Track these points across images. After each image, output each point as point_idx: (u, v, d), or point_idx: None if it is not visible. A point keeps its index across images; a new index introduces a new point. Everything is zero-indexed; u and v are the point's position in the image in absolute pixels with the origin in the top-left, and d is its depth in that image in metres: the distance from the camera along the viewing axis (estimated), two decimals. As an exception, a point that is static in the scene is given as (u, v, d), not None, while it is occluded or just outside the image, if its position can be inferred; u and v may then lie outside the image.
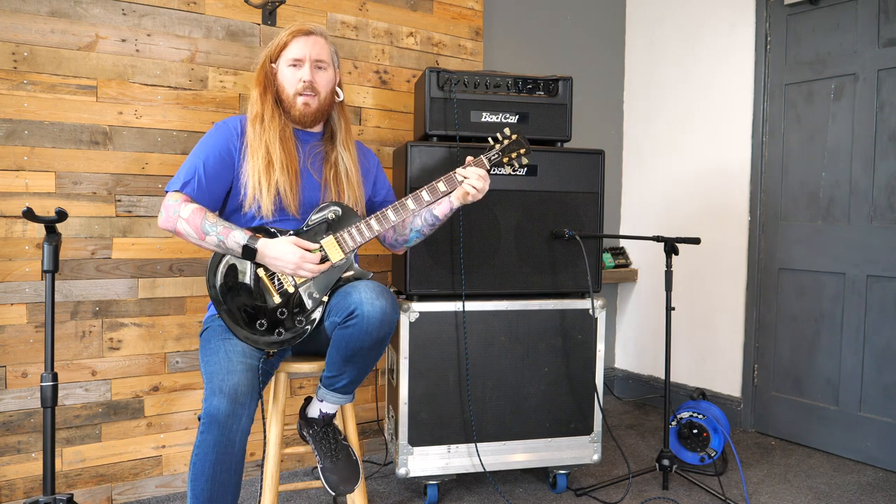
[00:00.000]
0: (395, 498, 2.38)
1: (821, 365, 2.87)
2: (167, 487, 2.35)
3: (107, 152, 2.22)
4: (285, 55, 1.87)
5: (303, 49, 1.86)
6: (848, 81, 2.76)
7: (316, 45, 1.88)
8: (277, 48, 1.89)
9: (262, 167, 1.78)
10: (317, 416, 1.86)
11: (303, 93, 1.86)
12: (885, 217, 2.66)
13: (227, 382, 1.59)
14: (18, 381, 2.10)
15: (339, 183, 1.89)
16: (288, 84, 1.87)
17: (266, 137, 1.81)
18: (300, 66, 1.86)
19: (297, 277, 1.76)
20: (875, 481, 2.54)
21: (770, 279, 3.04)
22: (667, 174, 3.48)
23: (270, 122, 1.83)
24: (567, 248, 2.37)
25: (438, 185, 1.89)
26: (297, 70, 1.86)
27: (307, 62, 1.86)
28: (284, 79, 1.87)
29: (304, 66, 1.86)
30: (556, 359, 2.36)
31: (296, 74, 1.86)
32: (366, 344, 1.68)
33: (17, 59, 2.07)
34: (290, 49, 1.87)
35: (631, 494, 2.40)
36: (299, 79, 1.85)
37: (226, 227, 1.71)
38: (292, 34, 1.87)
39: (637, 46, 3.65)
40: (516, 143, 2.02)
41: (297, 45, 1.86)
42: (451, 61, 2.93)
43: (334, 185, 1.89)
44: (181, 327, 2.36)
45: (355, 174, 1.93)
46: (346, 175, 1.90)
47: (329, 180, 1.88)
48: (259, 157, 1.79)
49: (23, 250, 2.10)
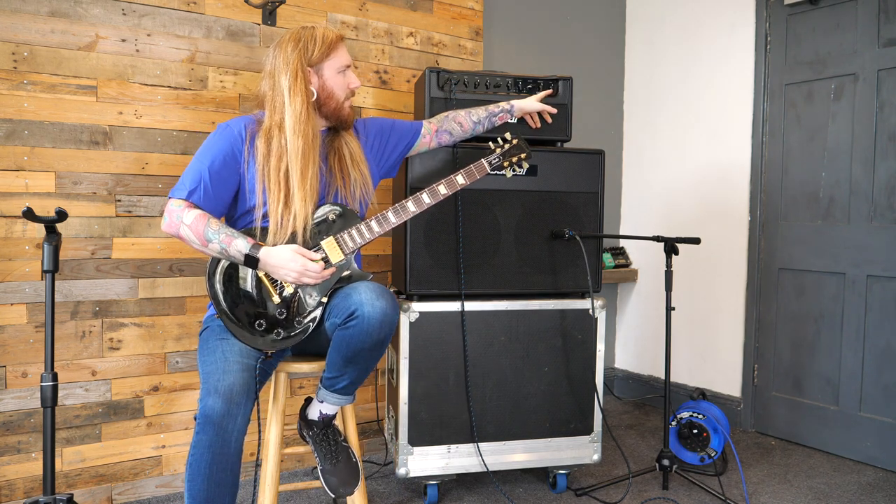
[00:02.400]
0: (395, 498, 2.38)
1: (821, 365, 2.87)
2: (167, 487, 2.35)
3: (107, 152, 2.22)
4: (334, 62, 1.88)
5: (347, 56, 1.92)
6: (848, 81, 2.77)
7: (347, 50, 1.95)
8: (321, 53, 1.85)
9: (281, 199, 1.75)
10: (316, 418, 1.86)
11: (350, 97, 1.92)
12: (885, 217, 2.66)
13: (223, 382, 1.59)
14: (18, 381, 2.10)
15: (343, 167, 1.89)
16: (339, 90, 1.89)
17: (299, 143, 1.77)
18: (347, 72, 1.91)
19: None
20: (875, 481, 2.54)
21: (770, 279, 3.04)
22: (667, 174, 3.48)
23: (306, 127, 1.79)
24: (567, 248, 2.37)
25: (439, 188, 1.91)
26: (345, 76, 1.91)
27: (350, 68, 1.93)
28: (335, 85, 1.89)
29: (348, 71, 1.92)
30: (556, 359, 2.36)
31: (345, 80, 1.91)
32: (366, 345, 1.68)
33: (17, 59, 2.07)
34: (338, 56, 1.89)
35: (631, 494, 2.40)
36: (349, 84, 1.91)
37: (228, 235, 1.70)
38: (338, 38, 1.89)
39: (637, 46, 3.65)
40: (517, 148, 2.06)
41: (342, 52, 1.91)
42: (451, 61, 2.94)
43: (338, 171, 1.88)
44: (181, 327, 2.36)
45: (358, 152, 1.94)
46: (350, 157, 1.91)
47: (334, 166, 1.89)
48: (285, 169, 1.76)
49: (23, 250, 2.10)
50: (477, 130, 2.22)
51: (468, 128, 2.19)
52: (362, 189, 1.90)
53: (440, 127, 2.15)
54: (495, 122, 2.24)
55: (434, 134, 2.15)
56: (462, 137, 2.21)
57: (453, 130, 2.17)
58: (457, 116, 2.18)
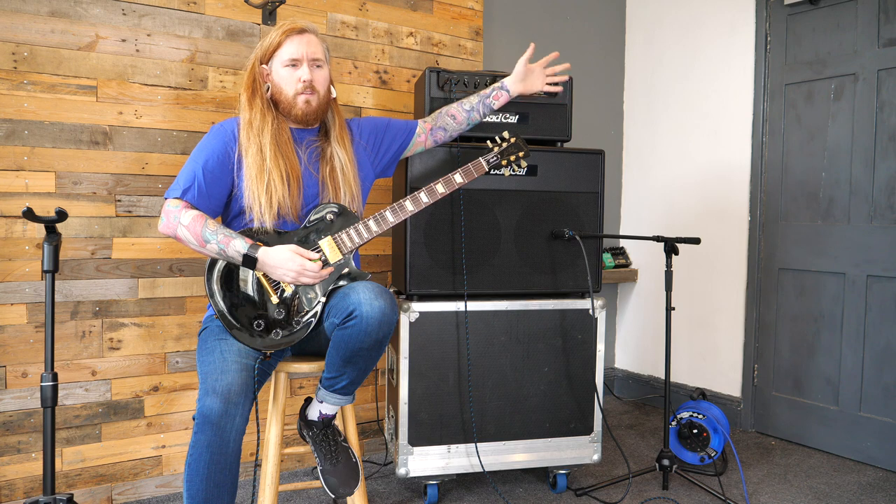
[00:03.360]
0: (395, 498, 2.38)
1: (821, 365, 2.87)
2: (167, 487, 2.35)
3: (107, 152, 2.22)
4: (280, 55, 1.84)
5: (299, 48, 1.83)
6: (848, 81, 2.76)
7: (311, 43, 1.85)
8: (269, 49, 1.85)
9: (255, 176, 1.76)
10: (316, 419, 1.86)
11: (303, 92, 1.83)
12: (885, 217, 2.66)
13: (221, 382, 1.59)
14: (18, 381, 2.10)
15: (335, 180, 1.87)
16: (286, 85, 1.84)
17: (259, 142, 1.78)
18: (298, 66, 1.83)
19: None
20: (875, 481, 2.54)
21: (770, 279, 3.04)
22: (667, 174, 3.48)
23: (262, 126, 1.80)
24: (567, 248, 2.37)
25: (437, 187, 1.91)
26: (296, 70, 1.83)
27: (304, 61, 1.83)
28: (282, 80, 1.84)
29: (302, 65, 1.83)
30: (556, 359, 2.36)
31: (294, 74, 1.83)
32: (365, 344, 1.68)
33: (17, 59, 2.07)
34: (284, 49, 1.83)
35: (631, 494, 2.40)
36: (299, 78, 1.82)
37: (226, 236, 1.70)
38: (285, 33, 1.83)
39: (637, 46, 3.65)
40: (515, 147, 2.05)
41: (291, 45, 1.83)
42: (451, 61, 2.94)
43: (331, 183, 1.87)
44: (181, 327, 2.36)
45: (351, 169, 1.91)
46: (341, 171, 1.88)
47: (326, 178, 1.87)
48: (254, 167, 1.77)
49: (23, 250, 2.10)
50: (472, 118, 2.15)
51: (462, 119, 2.14)
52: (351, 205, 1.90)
53: (434, 125, 2.13)
54: (491, 104, 2.14)
55: (429, 133, 2.12)
56: (458, 130, 2.16)
57: (447, 126, 2.13)
58: (449, 110, 2.14)
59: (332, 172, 1.88)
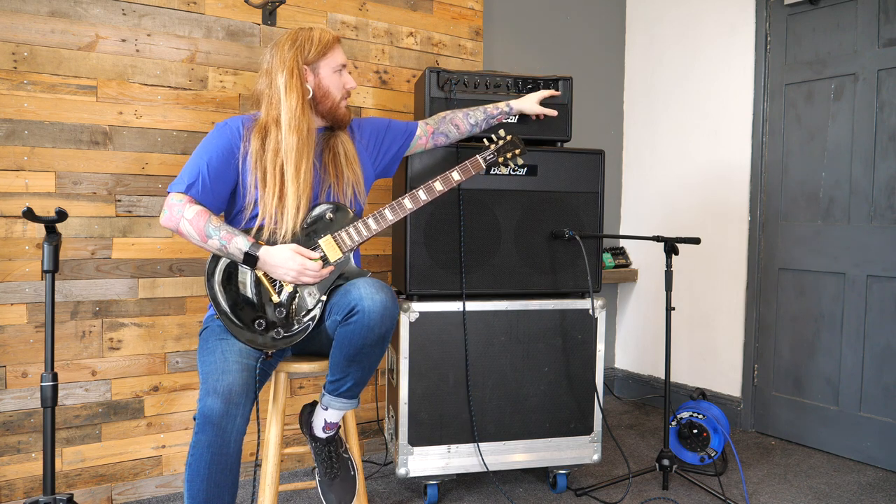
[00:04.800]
0: (395, 498, 2.38)
1: (821, 365, 2.87)
2: (167, 487, 2.35)
3: (107, 152, 2.22)
4: (330, 61, 1.89)
5: (342, 56, 1.93)
6: (848, 81, 2.77)
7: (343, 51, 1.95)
8: (317, 52, 1.86)
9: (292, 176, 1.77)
10: (322, 434, 1.86)
11: (346, 97, 1.93)
12: (885, 217, 2.66)
13: (222, 382, 1.59)
14: (18, 381, 2.10)
15: (337, 164, 1.89)
16: (335, 89, 1.90)
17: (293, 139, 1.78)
18: (343, 72, 1.92)
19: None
20: (875, 481, 2.54)
21: (770, 279, 3.04)
22: (667, 174, 3.48)
23: (301, 123, 1.81)
24: (567, 248, 2.37)
25: (435, 185, 1.92)
26: (341, 76, 1.91)
27: (346, 68, 1.93)
28: (331, 84, 1.89)
29: (345, 71, 1.92)
30: (556, 359, 2.36)
31: (341, 80, 1.91)
32: (368, 340, 1.67)
33: (17, 59, 2.07)
34: (334, 55, 1.90)
35: (631, 494, 2.40)
36: (345, 84, 1.92)
37: (228, 233, 1.71)
38: (334, 39, 1.90)
39: (637, 46, 3.65)
40: (511, 144, 2.06)
41: (339, 52, 1.92)
42: (451, 61, 2.94)
43: (332, 168, 1.88)
44: (181, 327, 2.36)
45: (353, 154, 1.94)
46: (344, 156, 1.91)
47: (327, 163, 1.89)
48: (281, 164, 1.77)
49: (23, 250, 2.10)
50: (474, 132, 2.22)
51: (465, 130, 2.19)
52: (354, 188, 1.90)
53: (437, 129, 2.15)
54: (493, 122, 2.24)
55: (430, 136, 2.14)
56: (458, 139, 2.21)
57: (449, 132, 2.17)
58: (454, 118, 2.17)
59: (335, 158, 1.90)
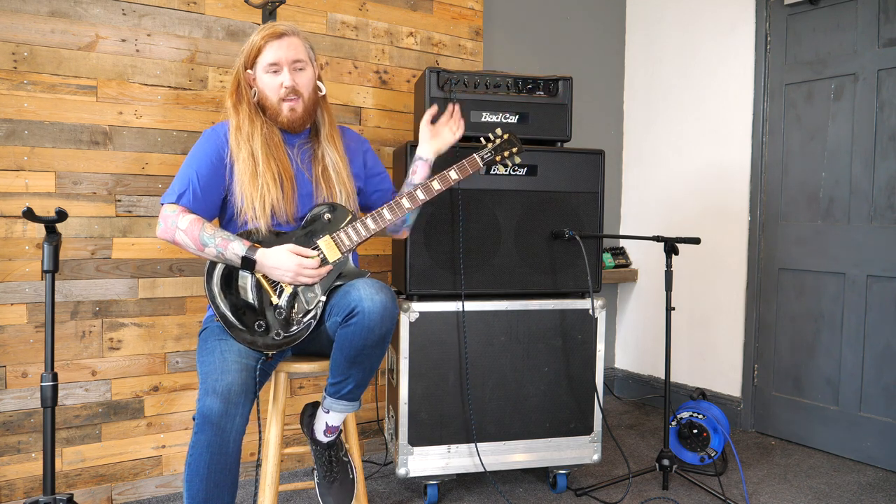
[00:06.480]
0: (395, 498, 2.38)
1: (821, 365, 2.87)
2: (167, 487, 2.35)
3: (107, 152, 2.22)
4: (261, 61, 1.81)
5: (277, 53, 1.80)
6: (848, 81, 2.76)
7: (291, 46, 1.82)
8: (252, 54, 1.82)
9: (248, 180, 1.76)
10: (323, 439, 1.86)
11: (286, 98, 1.81)
12: (885, 217, 2.66)
13: (221, 382, 1.59)
14: (18, 381, 2.10)
15: (328, 180, 1.87)
16: (270, 91, 1.82)
17: (250, 147, 1.78)
18: (279, 72, 1.81)
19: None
20: (875, 481, 2.54)
21: (770, 279, 3.04)
22: (667, 174, 3.48)
23: (251, 130, 1.80)
24: (567, 248, 2.37)
25: (432, 184, 1.91)
26: (277, 76, 1.81)
27: (285, 66, 1.80)
28: (265, 86, 1.82)
29: (282, 70, 1.80)
30: (556, 359, 2.36)
31: (276, 80, 1.80)
32: (369, 341, 1.67)
33: (17, 59, 2.07)
34: (265, 54, 1.80)
35: (631, 494, 2.40)
36: (280, 84, 1.80)
37: (224, 239, 1.71)
38: (264, 38, 1.80)
39: (637, 46, 3.65)
40: (508, 143, 2.04)
41: (271, 50, 1.79)
42: (451, 61, 2.93)
43: (325, 183, 1.87)
44: (181, 327, 2.36)
45: (344, 168, 1.90)
46: (334, 171, 1.88)
47: (319, 178, 1.87)
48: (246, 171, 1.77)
49: (23, 250, 2.10)
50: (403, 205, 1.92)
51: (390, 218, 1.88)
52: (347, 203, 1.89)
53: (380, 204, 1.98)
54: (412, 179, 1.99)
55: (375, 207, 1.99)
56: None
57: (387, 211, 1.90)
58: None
59: (325, 172, 1.87)
